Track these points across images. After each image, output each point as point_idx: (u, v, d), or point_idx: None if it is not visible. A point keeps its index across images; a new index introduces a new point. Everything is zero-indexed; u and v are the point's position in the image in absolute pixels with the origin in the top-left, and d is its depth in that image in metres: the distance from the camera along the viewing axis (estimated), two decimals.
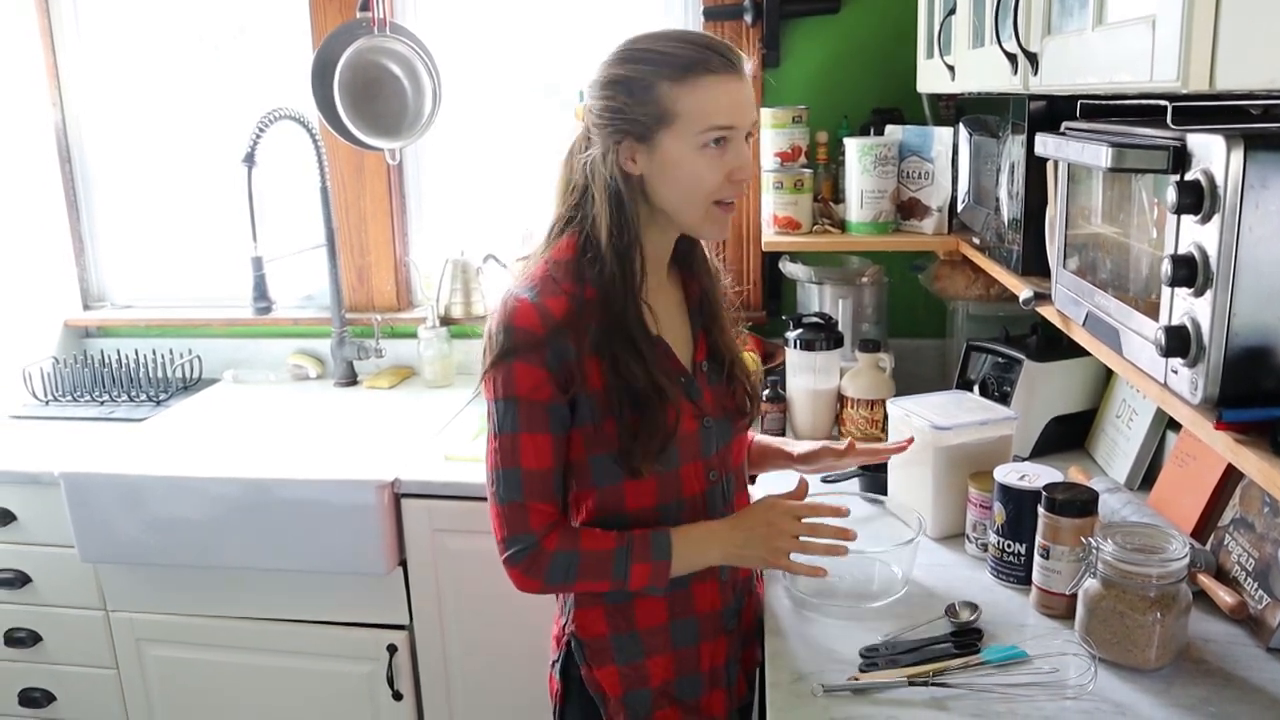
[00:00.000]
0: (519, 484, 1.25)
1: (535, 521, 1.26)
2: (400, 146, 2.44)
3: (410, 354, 2.61)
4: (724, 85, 1.20)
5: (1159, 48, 0.83)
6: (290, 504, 1.96)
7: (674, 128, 1.20)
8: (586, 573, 1.26)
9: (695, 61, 1.19)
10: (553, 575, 1.26)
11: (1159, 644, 1.21)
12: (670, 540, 1.27)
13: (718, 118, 1.20)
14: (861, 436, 2.01)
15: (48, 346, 2.66)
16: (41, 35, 2.59)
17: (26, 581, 2.20)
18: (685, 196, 1.24)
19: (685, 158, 1.21)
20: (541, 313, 1.22)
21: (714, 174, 1.23)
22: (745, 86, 1.23)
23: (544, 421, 1.24)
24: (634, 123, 1.21)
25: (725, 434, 1.36)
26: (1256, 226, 0.83)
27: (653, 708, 1.37)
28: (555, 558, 1.25)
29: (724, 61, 1.20)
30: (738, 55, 1.23)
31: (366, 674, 2.09)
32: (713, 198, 1.24)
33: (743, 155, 1.24)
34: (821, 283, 2.22)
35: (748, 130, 1.25)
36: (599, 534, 1.28)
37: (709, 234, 1.31)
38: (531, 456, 1.24)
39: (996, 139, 1.60)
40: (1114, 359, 1.11)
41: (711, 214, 1.26)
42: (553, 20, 2.48)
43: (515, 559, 1.26)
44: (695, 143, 1.21)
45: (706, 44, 1.21)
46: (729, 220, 1.29)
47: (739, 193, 1.26)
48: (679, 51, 1.20)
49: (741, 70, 1.22)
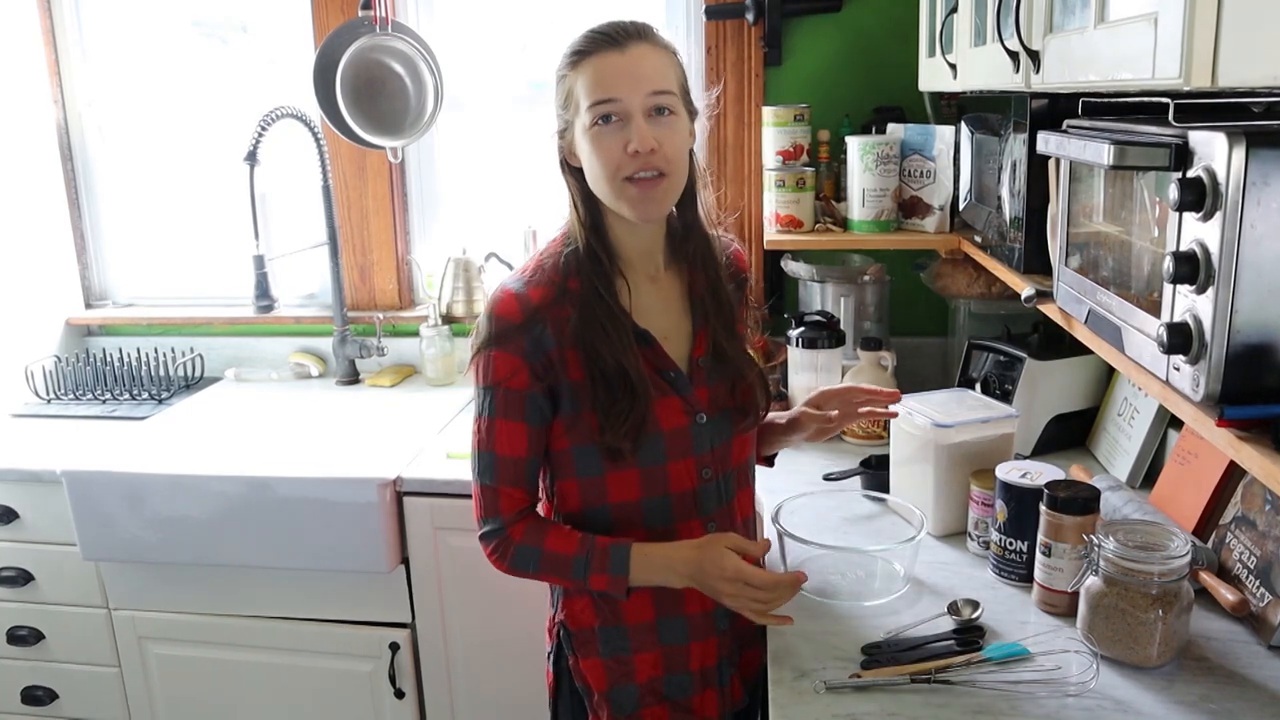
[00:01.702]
0: (492, 468, 1.30)
1: (505, 506, 1.30)
2: (402, 145, 2.44)
3: (412, 352, 2.62)
4: (603, 62, 1.22)
5: (1161, 45, 0.83)
6: (292, 502, 1.96)
7: (578, 113, 1.24)
8: (548, 569, 1.30)
9: (584, 45, 1.24)
10: (517, 564, 1.31)
11: (1161, 641, 1.21)
12: (629, 557, 1.27)
13: (596, 93, 1.21)
14: (863, 434, 2.01)
15: (50, 345, 2.66)
16: (43, 33, 2.59)
17: (29, 580, 2.20)
18: (595, 179, 1.26)
19: (586, 140, 1.24)
20: (522, 302, 1.26)
21: (609, 151, 1.22)
22: (631, 59, 1.22)
23: (520, 410, 1.27)
24: (558, 117, 1.29)
25: (723, 432, 1.35)
26: (1258, 223, 0.83)
27: (640, 704, 1.37)
28: (519, 550, 1.30)
29: (607, 39, 1.22)
30: (629, 31, 1.23)
31: (368, 672, 2.09)
32: (619, 174, 1.23)
33: (638, 129, 1.21)
34: (823, 281, 2.22)
35: (647, 101, 1.22)
36: (564, 535, 1.29)
37: (631, 214, 1.26)
38: (505, 443, 1.28)
39: (998, 137, 1.60)
40: (1116, 356, 1.11)
41: (625, 192, 1.24)
42: (553, 17, 2.48)
43: (487, 539, 1.32)
44: (589, 122, 1.23)
45: (597, 28, 1.24)
46: (649, 197, 1.24)
47: (643, 166, 1.22)
48: (578, 41, 1.25)
49: (627, 46, 1.22)
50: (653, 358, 1.30)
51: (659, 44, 1.26)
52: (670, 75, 1.25)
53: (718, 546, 1.25)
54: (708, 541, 1.27)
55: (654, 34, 1.26)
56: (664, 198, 1.27)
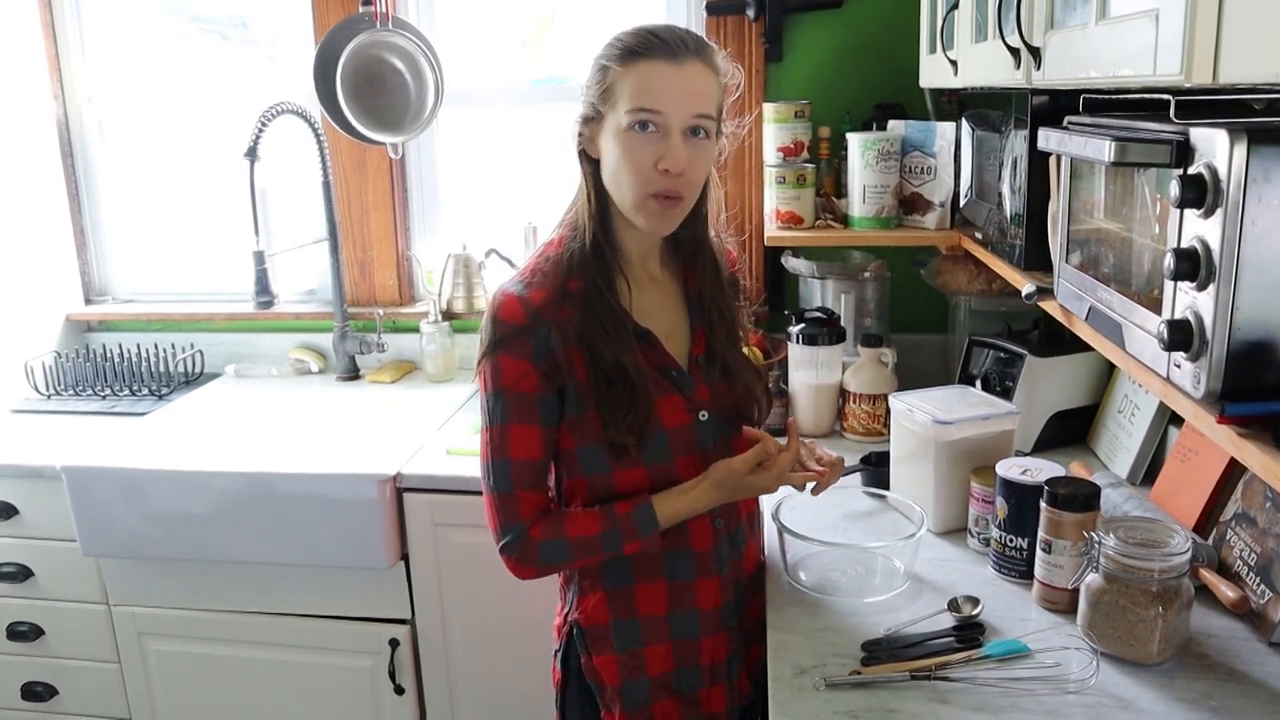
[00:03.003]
0: (508, 474, 1.28)
1: (525, 510, 1.29)
2: (403, 141, 2.44)
3: (412, 348, 2.61)
4: (659, 70, 1.20)
5: (1162, 42, 0.83)
6: (292, 498, 1.96)
7: (615, 109, 1.22)
8: (578, 553, 1.31)
9: (639, 46, 1.21)
10: (545, 561, 1.30)
11: (1161, 638, 1.21)
12: (654, 516, 1.29)
13: (643, 99, 1.20)
14: (864, 432, 2.01)
15: (49, 340, 2.66)
16: (43, 28, 2.59)
17: (29, 575, 2.20)
18: (615, 180, 1.25)
19: (615, 139, 1.23)
20: (525, 305, 1.26)
21: (639, 162, 1.21)
22: (686, 75, 1.21)
23: (532, 413, 1.27)
24: (590, 105, 1.26)
25: (725, 430, 1.36)
26: (1259, 220, 0.83)
27: (651, 698, 1.37)
28: (544, 545, 1.29)
29: (666, 48, 1.20)
30: (689, 46, 1.22)
31: (368, 668, 2.09)
32: (644, 187, 1.22)
33: (673, 146, 1.21)
34: (824, 278, 2.22)
35: (688, 121, 1.22)
36: (581, 516, 1.30)
37: (643, 225, 1.27)
38: (520, 447, 1.28)
39: (999, 134, 1.59)
40: (1116, 353, 1.11)
41: (646, 205, 1.24)
42: (555, 13, 2.48)
43: (509, 548, 1.30)
44: (624, 123, 1.21)
45: (656, 31, 1.22)
46: (667, 215, 1.25)
47: (669, 187, 1.22)
48: (631, 38, 1.23)
49: (684, 61, 1.21)
50: (654, 356, 1.31)
51: (713, 66, 1.25)
52: (714, 99, 1.26)
53: (721, 468, 1.30)
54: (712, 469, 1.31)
55: (712, 55, 1.25)
56: (678, 218, 1.28)
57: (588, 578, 1.37)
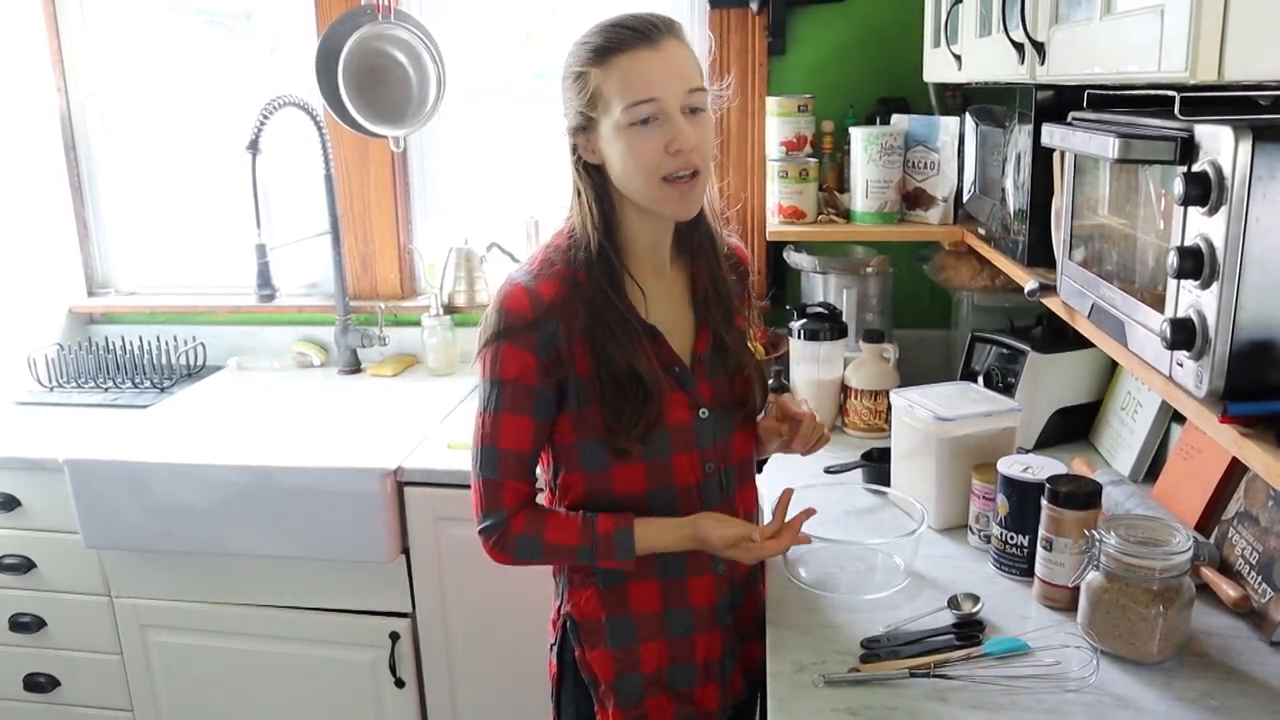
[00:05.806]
0: (495, 462, 1.29)
1: (508, 499, 1.30)
2: (404, 134, 2.44)
3: (414, 342, 2.61)
4: (640, 59, 1.19)
5: (1167, 38, 0.82)
6: (293, 491, 1.96)
7: (608, 113, 1.21)
8: (552, 557, 1.33)
9: (609, 44, 1.20)
10: (520, 555, 1.32)
11: (1161, 637, 1.20)
12: (633, 543, 1.28)
13: (635, 93, 1.19)
14: (865, 428, 2.01)
15: (52, 333, 2.66)
16: (46, 21, 2.59)
17: (31, 567, 2.20)
18: (631, 178, 1.24)
19: (621, 140, 1.21)
20: (532, 297, 1.25)
21: (648, 152, 1.21)
22: (666, 56, 1.20)
23: (527, 405, 1.27)
24: (579, 115, 1.24)
25: (724, 426, 1.35)
26: (1264, 218, 0.82)
27: (644, 694, 1.37)
28: (520, 540, 1.30)
29: (639, 36, 1.20)
30: (659, 26, 1.21)
31: (369, 661, 2.09)
32: (658, 174, 1.22)
33: (678, 127, 1.20)
34: (826, 273, 2.21)
35: (684, 100, 1.21)
36: (563, 522, 1.30)
37: (669, 213, 1.27)
38: (510, 437, 1.28)
39: (1003, 129, 1.59)
40: (1119, 351, 1.10)
41: (664, 192, 1.23)
42: (556, 6, 2.47)
43: (488, 533, 1.31)
44: (624, 122, 1.20)
45: (620, 23, 1.21)
46: (689, 196, 1.25)
47: (684, 165, 1.22)
48: (598, 38, 1.22)
49: (660, 42, 1.20)
50: (659, 353, 1.30)
51: (684, 38, 1.24)
52: (697, 69, 1.25)
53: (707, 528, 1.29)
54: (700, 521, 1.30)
55: (679, 28, 1.24)
56: (701, 194, 1.28)
57: (578, 572, 1.37)
